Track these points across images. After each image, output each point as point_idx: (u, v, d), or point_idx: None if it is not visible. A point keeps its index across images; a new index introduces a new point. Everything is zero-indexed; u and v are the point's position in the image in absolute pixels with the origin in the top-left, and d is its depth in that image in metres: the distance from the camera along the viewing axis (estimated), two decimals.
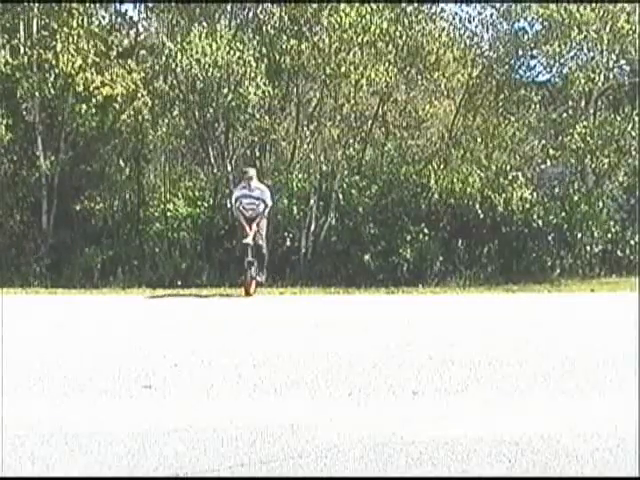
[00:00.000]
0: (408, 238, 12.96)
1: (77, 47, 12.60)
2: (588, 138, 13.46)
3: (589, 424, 4.01)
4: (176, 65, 12.64)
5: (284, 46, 12.62)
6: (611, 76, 13.97)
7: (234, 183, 12.71)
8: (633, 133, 13.50)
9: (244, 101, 12.39)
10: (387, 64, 12.89)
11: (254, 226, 10.30)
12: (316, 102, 13.50)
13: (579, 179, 14.28)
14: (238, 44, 12.32)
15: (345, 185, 13.67)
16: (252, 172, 10.73)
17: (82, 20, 12.91)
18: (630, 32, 12.86)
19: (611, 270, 13.20)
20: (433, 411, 4.32)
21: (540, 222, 13.31)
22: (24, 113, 13.37)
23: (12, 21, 13.17)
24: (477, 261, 13.05)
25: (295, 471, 3.43)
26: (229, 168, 13.11)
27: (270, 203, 10.59)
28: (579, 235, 13.40)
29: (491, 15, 13.86)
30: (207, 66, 12.25)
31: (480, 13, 13.92)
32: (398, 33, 13.02)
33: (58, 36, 12.67)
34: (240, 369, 5.06)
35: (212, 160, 13.51)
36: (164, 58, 12.96)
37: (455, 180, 13.58)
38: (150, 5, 13.76)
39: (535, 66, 14.15)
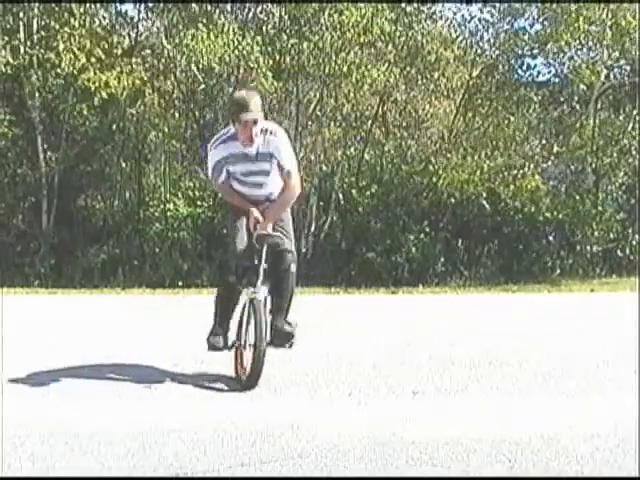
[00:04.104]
0: (409, 238, 12.99)
1: (80, 46, 12.60)
2: (588, 138, 13.49)
3: (589, 424, 4.01)
4: (175, 66, 12.68)
5: (284, 46, 12.64)
6: (612, 75, 13.99)
7: None
8: (634, 133, 13.52)
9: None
10: (387, 64, 12.90)
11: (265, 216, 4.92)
12: (316, 102, 13.51)
13: (580, 179, 14.32)
14: (240, 39, 12.30)
15: (345, 185, 13.69)
16: (256, 99, 4.88)
17: (83, 20, 12.93)
18: (632, 30, 12.85)
19: (611, 270, 13.22)
20: (433, 411, 4.32)
21: (549, 215, 13.35)
22: (24, 113, 13.37)
23: (12, 21, 13.18)
24: (477, 261, 13.07)
25: (295, 471, 3.43)
26: None
27: (290, 167, 4.98)
28: (579, 235, 13.44)
29: (491, 15, 13.87)
30: (207, 66, 12.26)
31: (481, 11, 13.95)
32: (398, 33, 13.04)
33: (59, 36, 12.68)
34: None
35: None
36: (163, 60, 12.99)
37: (456, 180, 13.62)
38: (150, 5, 13.78)
39: (535, 66, 14.19)
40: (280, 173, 4.97)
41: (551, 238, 13.64)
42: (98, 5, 13.49)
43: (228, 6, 13.39)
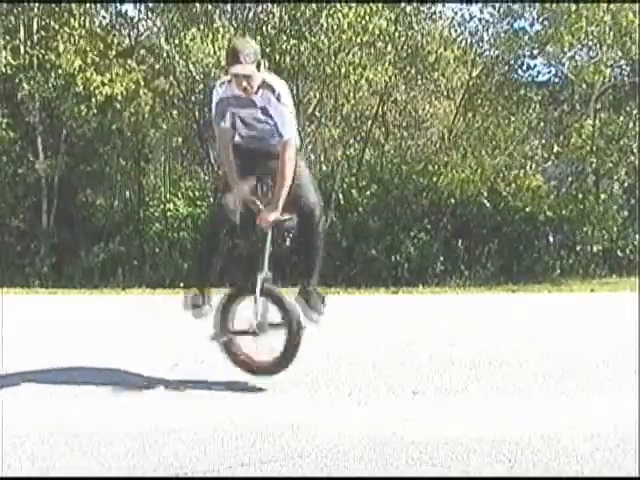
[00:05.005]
0: (409, 238, 12.99)
1: (78, 47, 12.61)
2: (588, 138, 13.50)
3: (589, 424, 4.01)
4: (174, 67, 12.69)
5: (284, 46, 12.64)
6: (612, 76, 13.99)
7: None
8: (634, 132, 13.53)
9: None
10: (387, 64, 12.91)
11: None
12: (316, 102, 13.51)
13: (580, 179, 14.34)
14: None
15: (345, 185, 13.69)
16: (249, 48, 4.47)
17: (83, 20, 12.94)
18: (632, 30, 12.85)
19: (611, 270, 13.22)
20: (433, 411, 4.32)
21: (549, 215, 13.37)
22: (24, 113, 13.38)
23: (13, 21, 13.19)
24: (477, 261, 13.07)
25: (295, 471, 3.43)
26: None
27: (288, 136, 4.53)
28: (580, 235, 13.45)
29: (491, 15, 13.88)
30: (207, 66, 12.27)
31: (481, 11, 13.96)
32: (397, 33, 13.05)
33: (59, 36, 12.69)
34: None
35: (212, 160, 13.52)
36: (162, 60, 13.00)
37: (456, 179, 13.62)
38: (150, 5, 13.79)
39: (535, 66, 14.20)
40: (278, 140, 4.57)
41: (551, 238, 13.65)
42: (98, 5, 13.51)
43: (228, 6, 13.40)
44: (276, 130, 4.57)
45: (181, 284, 12.04)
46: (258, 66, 4.46)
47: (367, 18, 12.48)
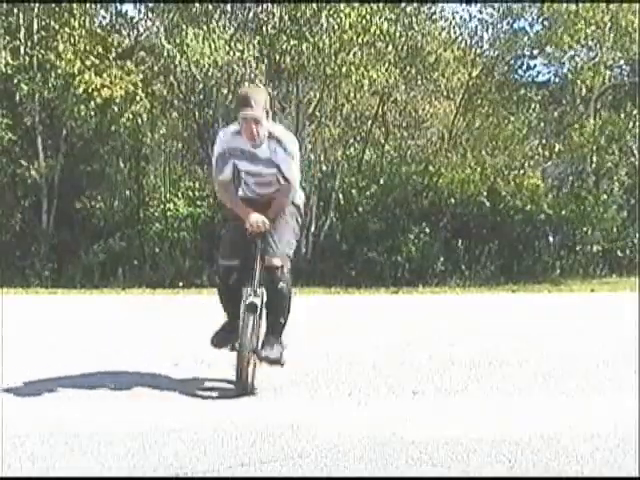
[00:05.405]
0: (409, 238, 13.00)
1: (77, 48, 12.60)
2: (589, 137, 13.50)
3: (589, 424, 4.02)
4: (174, 67, 12.68)
5: (284, 46, 12.63)
6: (612, 76, 13.99)
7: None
8: (635, 131, 13.54)
9: None
10: (387, 64, 12.90)
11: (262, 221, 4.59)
12: (316, 102, 13.50)
13: (581, 179, 14.35)
14: (238, 44, 12.33)
15: (345, 185, 13.70)
16: (260, 95, 4.60)
17: (83, 20, 12.93)
18: (632, 30, 12.84)
19: (611, 270, 13.24)
20: (433, 411, 4.32)
21: (549, 215, 13.38)
22: (24, 114, 13.37)
23: (13, 22, 13.18)
24: (477, 261, 13.08)
25: (295, 471, 3.43)
26: None
27: (295, 177, 4.70)
28: (580, 235, 13.46)
29: (491, 15, 13.87)
30: (206, 66, 12.26)
31: (481, 12, 13.95)
32: (398, 33, 13.04)
33: (59, 37, 12.69)
34: None
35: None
36: (162, 60, 13.00)
37: (456, 179, 13.64)
38: (150, 5, 13.78)
39: (535, 66, 14.21)
40: (280, 178, 4.68)
41: (551, 238, 13.66)
42: (98, 5, 13.50)
43: (228, 6, 13.39)
44: (281, 176, 4.64)
45: (181, 284, 12.12)
46: (267, 114, 4.54)
47: (367, 18, 12.48)
